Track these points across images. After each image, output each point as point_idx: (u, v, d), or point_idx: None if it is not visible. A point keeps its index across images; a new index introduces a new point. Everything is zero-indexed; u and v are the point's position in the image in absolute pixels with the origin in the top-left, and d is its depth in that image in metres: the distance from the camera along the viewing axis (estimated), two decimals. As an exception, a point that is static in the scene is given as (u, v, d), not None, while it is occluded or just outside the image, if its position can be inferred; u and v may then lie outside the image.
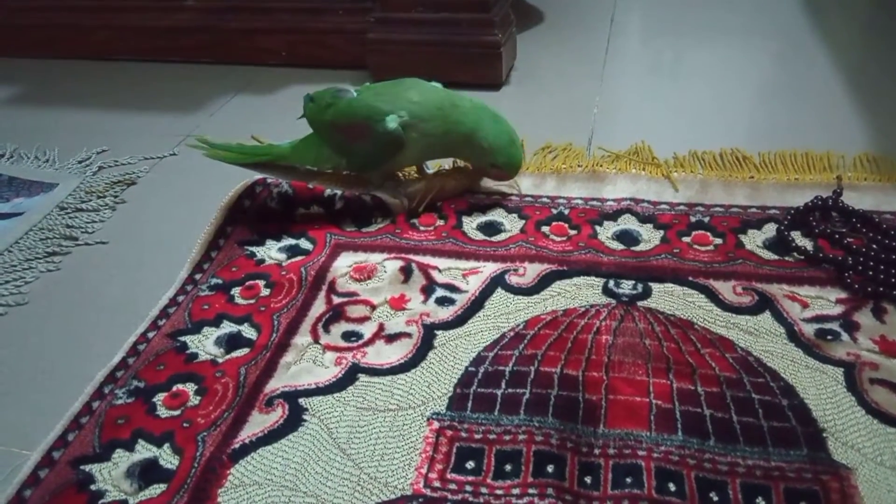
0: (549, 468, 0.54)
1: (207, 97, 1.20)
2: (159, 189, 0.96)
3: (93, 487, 0.55)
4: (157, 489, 0.55)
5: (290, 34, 1.28)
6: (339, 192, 0.83)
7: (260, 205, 0.82)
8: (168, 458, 0.57)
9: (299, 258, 0.78)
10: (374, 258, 0.78)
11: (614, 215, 0.82)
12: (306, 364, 0.65)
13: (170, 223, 0.88)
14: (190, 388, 0.63)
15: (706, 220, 0.80)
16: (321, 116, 0.88)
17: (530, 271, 0.74)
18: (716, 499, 0.51)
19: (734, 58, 1.26)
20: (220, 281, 0.76)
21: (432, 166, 0.93)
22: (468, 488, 0.53)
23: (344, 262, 0.77)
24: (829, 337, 0.64)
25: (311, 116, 0.90)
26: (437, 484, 0.54)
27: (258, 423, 0.60)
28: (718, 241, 0.77)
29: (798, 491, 0.51)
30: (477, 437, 0.57)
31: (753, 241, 0.77)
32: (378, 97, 0.84)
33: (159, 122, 1.14)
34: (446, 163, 0.94)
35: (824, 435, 0.55)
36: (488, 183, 0.89)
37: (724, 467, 0.53)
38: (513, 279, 0.73)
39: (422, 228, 0.82)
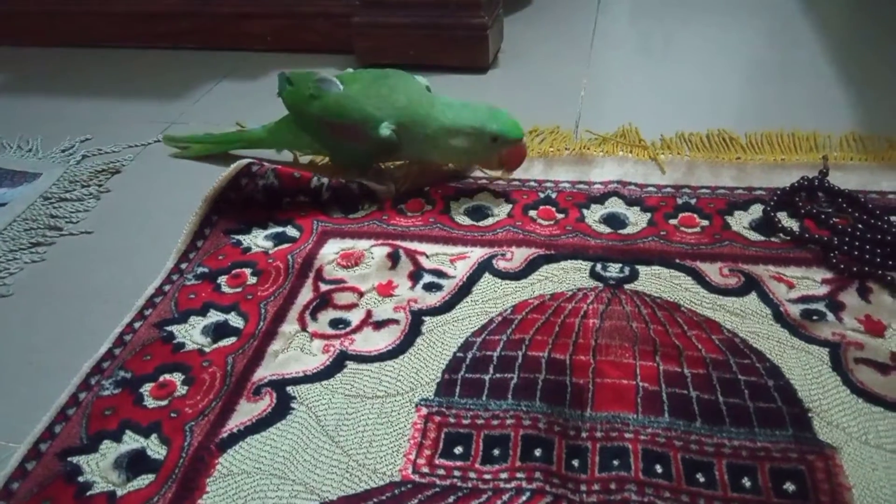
0: (537, 452, 0.54)
1: (192, 83, 1.19)
2: (144, 177, 0.95)
3: (80, 479, 0.55)
4: (145, 480, 0.55)
5: (275, 19, 1.26)
6: (325, 181, 0.83)
7: (246, 195, 0.82)
8: (156, 449, 0.57)
9: (286, 246, 0.78)
10: (362, 245, 0.77)
11: (601, 198, 0.82)
12: (294, 352, 0.65)
13: (155, 212, 0.87)
14: (177, 377, 0.63)
15: (693, 202, 0.80)
16: (305, 106, 0.86)
17: (518, 256, 0.74)
18: (702, 479, 0.52)
19: (721, 37, 1.26)
20: (206, 270, 0.75)
21: None
22: (456, 473, 0.54)
23: (331, 249, 0.77)
24: (814, 317, 0.64)
25: (290, 102, 0.89)
26: (425, 470, 0.54)
27: (246, 412, 0.59)
28: (705, 222, 0.77)
29: (783, 471, 0.52)
30: (465, 422, 0.57)
31: (740, 222, 0.77)
32: (367, 98, 0.82)
33: (143, 109, 1.12)
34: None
35: (810, 415, 0.55)
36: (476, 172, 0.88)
37: (711, 448, 0.54)
38: (500, 264, 0.73)
39: (409, 214, 0.82)
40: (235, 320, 0.69)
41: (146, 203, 0.90)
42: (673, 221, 0.77)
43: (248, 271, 0.75)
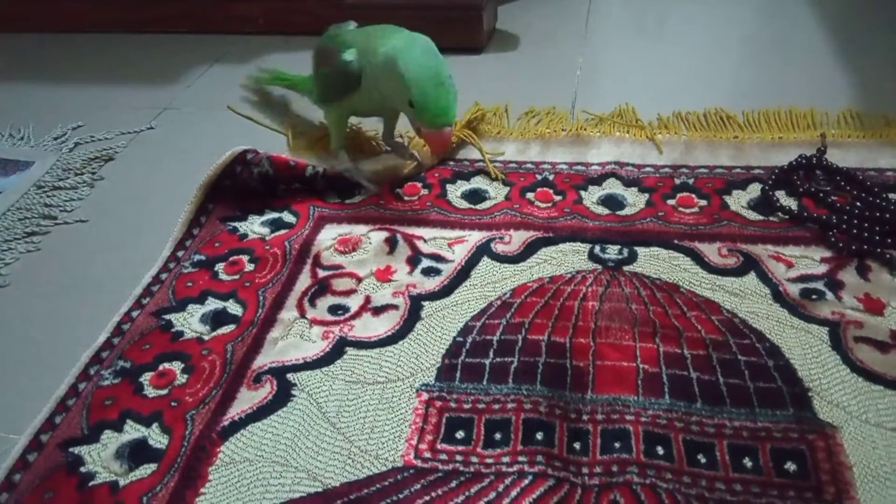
0: (539, 435, 0.54)
1: (183, 68, 1.18)
2: (138, 164, 0.94)
3: (83, 469, 0.55)
4: (147, 469, 0.55)
5: (266, 1, 1.25)
6: (321, 170, 0.82)
7: (241, 183, 0.81)
8: (157, 438, 0.57)
9: (283, 232, 0.77)
10: (359, 230, 0.77)
11: (599, 180, 0.82)
12: (293, 339, 0.65)
13: (150, 199, 0.87)
14: (177, 366, 0.63)
15: (691, 181, 0.80)
16: (320, 43, 0.88)
17: (516, 239, 0.74)
18: (703, 461, 0.52)
19: (718, 15, 1.25)
20: (203, 257, 0.75)
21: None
22: (458, 458, 0.54)
23: (328, 235, 0.76)
24: (813, 296, 0.64)
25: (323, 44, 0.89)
26: (427, 455, 0.54)
27: (247, 399, 0.59)
28: (703, 202, 0.77)
29: (784, 450, 0.52)
30: (466, 406, 0.57)
31: (738, 201, 0.76)
32: (349, 33, 0.84)
33: (135, 95, 1.11)
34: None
35: (810, 394, 0.56)
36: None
37: (712, 429, 0.54)
38: (498, 247, 0.73)
39: (406, 198, 0.81)
40: (234, 308, 0.69)
41: (140, 190, 0.89)
42: (671, 202, 0.77)
43: (245, 258, 0.74)
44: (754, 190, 0.78)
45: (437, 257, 0.73)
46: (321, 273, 0.72)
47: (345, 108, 0.84)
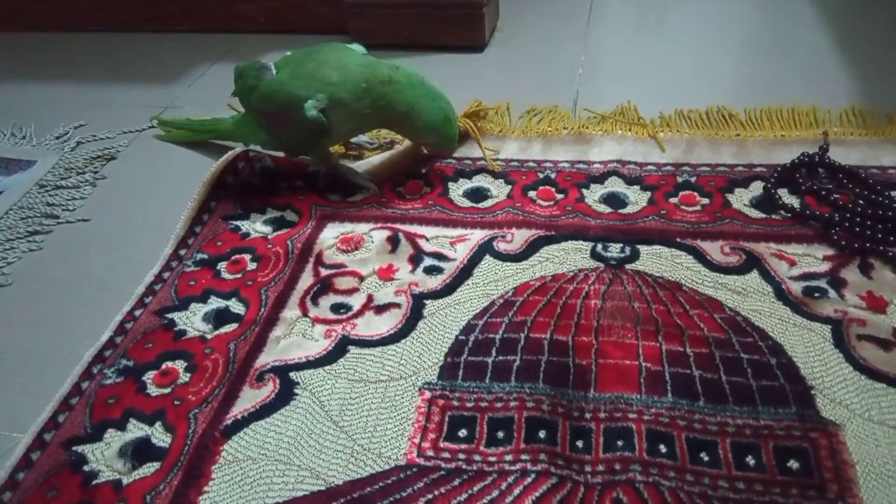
0: (541, 434, 0.54)
1: (185, 67, 1.18)
2: (140, 163, 0.94)
3: (86, 468, 0.55)
4: (150, 468, 0.55)
5: (267, 0, 1.25)
6: (321, 169, 0.82)
7: (243, 180, 0.81)
8: (160, 437, 0.57)
9: (285, 231, 0.77)
10: (361, 228, 0.77)
11: (601, 178, 0.81)
12: (296, 338, 0.65)
13: (152, 198, 0.87)
14: (179, 365, 0.63)
15: (693, 180, 0.80)
16: (248, 99, 0.82)
17: (518, 237, 0.74)
18: (706, 459, 0.52)
19: (720, 12, 1.25)
20: (205, 256, 0.75)
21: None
22: (461, 456, 0.54)
23: (330, 234, 0.76)
24: (816, 294, 0.64)
25: (239, 95, 0.85)
26: (430, 453, 0.54)
27: (250, 398, 0.60)
28: (705, 200, 0.77)
29: (787, 448, 0.52)
30: (469, 405, 0.57)
31: (740, 199, 0.76)
32: (294, 79, 0.77)
33: (137, 94, 1.11)
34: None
35: (813, 392, 0.56)
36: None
37: (714, 427, 0.54)
38: (501, 246, 0.73)
39: (408, 197, 0.81)
40: (236, 306, 0.69)
41: (142, 189, 0.89)
42: (673, 200, 0.77)
43: (247, 257, 0.74)
44: (757, 188, 0.78)
45: (439, 256, 0.73)
46: (323, 272, 0.72)
47: (323, 148, 0.82)
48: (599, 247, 0.72)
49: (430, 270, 0.71)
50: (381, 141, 0.91)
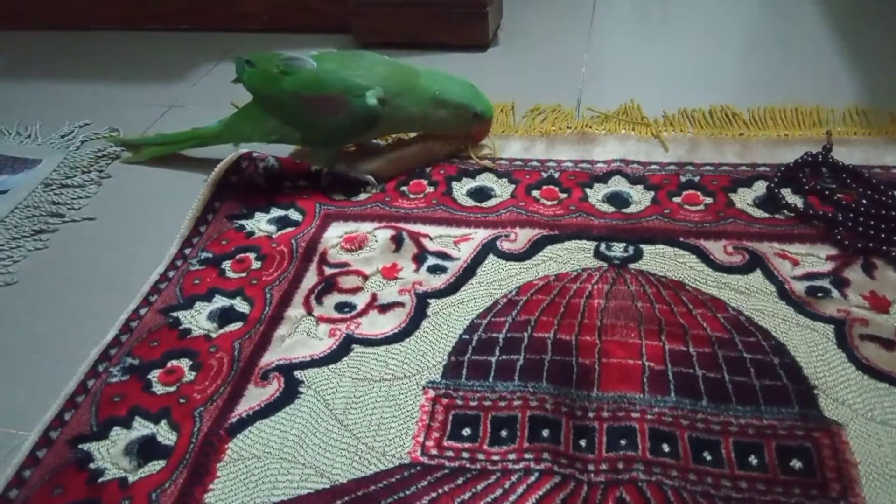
0: (545, 433, 0.54)
1: (189, 66, 1.18)
2: (145, 162, 0.95)
3: (92, 466, 0.55)
4: (156, 465, 0.55)
5: (271, -2, 1.25)
6: (324, 168, 0.83)
7: (247, 180, 0.82)
8: (166, 435, 0.57)
9: (289, 230, 0.78)
10: (365, 227, 0.77)
11: (604, 177, 0.82)
12: (300, 336, 0.65)
13: (156, 197, 0.87)
14: (185, 363, 0.63)
15: (696, 179, 0.80)
16: (273, 85, 0.82)
17: (521, 237, 0.74)
18: (709, 458, 0.52)
19: (723, 12, 1.25)
20: (210, 255, 0.75)
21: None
22: (465, 455, 0.54)
23: (334, 233, 0.77)
24: (819, 294, 0.64)
25: (252, 83, 0.85)
26: (434, 452, 0.54)
27: (254, 396, 0.60)
28: (709, 200, 0.77)
29: (790, 448, 0.52)
30: (472, 404, 0.58)
31: (744, 199, 0.76)
32: (348, 70, 0.81)
33: (141, 92, 1.12)
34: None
35: (815, 392, 0.56)
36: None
37: (717, 427, 0.54)
38: (504, 245, 0.73)
39: (411, 196, 0.82)
40: (241, 305, 0.69)
41: (147, 188, 0.89)
42: (676, 199, 0.77)
43: (252, 256, 0.74)
44: (760, 187, 0.78)
45: (443, 255, 0.73)
46: (328, 271, 0.72)
47: (344, 145, 0.83)
48: (603, 246, 0.72)
49: (434, 269, 0.71)
50: (386, 140, 0.91)
